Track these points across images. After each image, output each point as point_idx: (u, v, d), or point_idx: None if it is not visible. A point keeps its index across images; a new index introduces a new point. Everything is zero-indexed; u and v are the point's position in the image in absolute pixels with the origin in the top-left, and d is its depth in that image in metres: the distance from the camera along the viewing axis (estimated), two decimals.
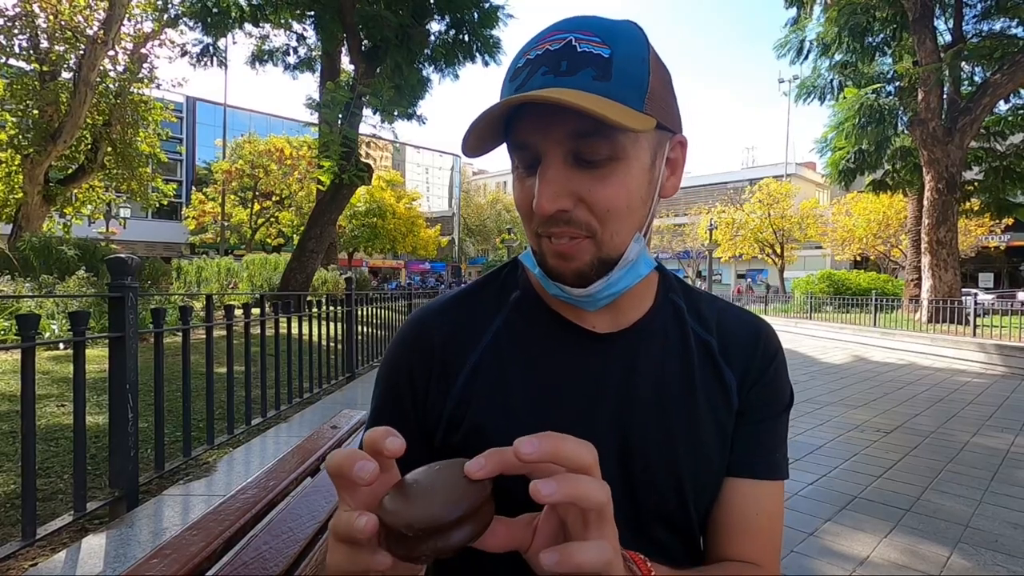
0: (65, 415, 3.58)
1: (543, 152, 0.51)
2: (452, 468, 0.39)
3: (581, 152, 0.51)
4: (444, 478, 0.38)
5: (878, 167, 14.20)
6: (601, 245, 0.52)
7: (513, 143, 0.53)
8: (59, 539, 2.11)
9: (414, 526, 0.34)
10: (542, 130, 0.51)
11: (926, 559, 2.28)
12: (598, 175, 0.51)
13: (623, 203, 0.52)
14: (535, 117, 0.51)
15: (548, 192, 0.50)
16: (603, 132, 0.50)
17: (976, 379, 6.96)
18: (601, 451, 0.57)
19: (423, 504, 0.35)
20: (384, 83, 8.67)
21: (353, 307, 5.53)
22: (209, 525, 0.77)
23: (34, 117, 12.58)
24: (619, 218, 0.52)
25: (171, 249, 33.94)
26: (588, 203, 0.51)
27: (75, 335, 2.13)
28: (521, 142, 0.52)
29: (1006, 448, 3.84)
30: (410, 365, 0.61)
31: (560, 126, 0.50)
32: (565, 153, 0.51)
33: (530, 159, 0.53)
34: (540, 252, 0.55)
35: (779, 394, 0.64)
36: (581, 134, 0.50)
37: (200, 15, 9.27)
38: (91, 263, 8.50)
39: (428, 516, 0.34)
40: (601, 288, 0.54)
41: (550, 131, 0.50)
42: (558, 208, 0.50)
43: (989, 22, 12.45)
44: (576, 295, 0.55)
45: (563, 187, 0.51)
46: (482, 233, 47.87)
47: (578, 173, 0.51)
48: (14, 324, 5.39)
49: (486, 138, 0.53)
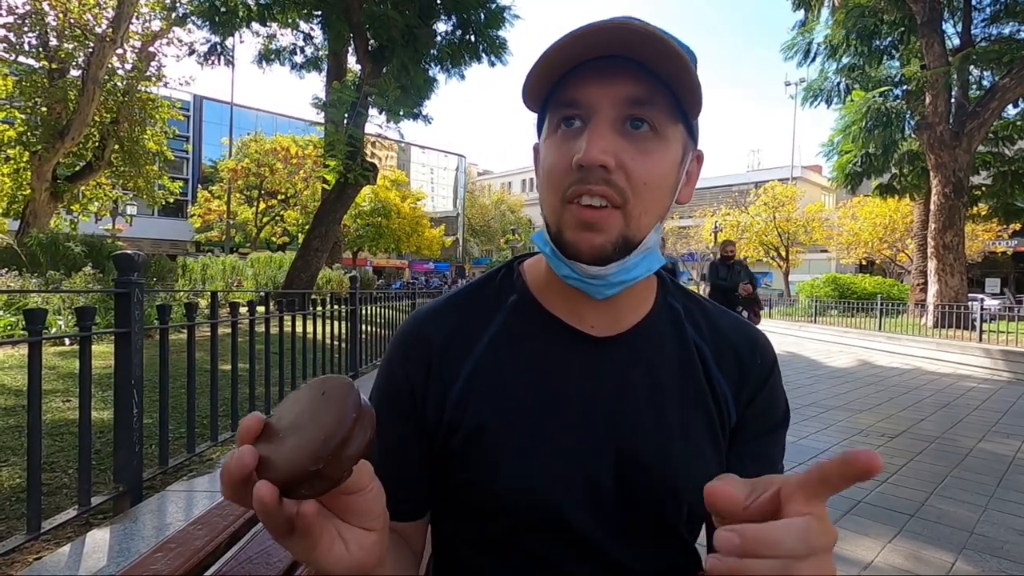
0: (70, 410, 3.60)
1: (596, 111, 0.52)
2: (310, 392, 0.38)
3: (633, 117, 0.52)
4: (306, 408, 0.37)
5: (885, 171, 14.13)
6: (629, 220, 0.52)
7: (563, 99, 0.53)
8: (63, 533, 2.12)
9: (299, 470, 0.34)
10: (599, 88, 0.51)
11: (931, 565, 2.26)
12: (641, 147, 0.52)
13: (657, 180, 0.53)
14: (595, 75, 0.51)
15: (598, 145, 0.50)
16: (656, 104, 0.52)
17: (982, 384, 6.91)
18: (597, 454, 0.57)
19: (293, 445, 0.35)
20: (390, 83, 8.68)
21: (357, 306, 5.54)
22: (214, 520, 0.77)
23: (42, 114, 12.64)
24: (651, 194, 0.53)
25: (177, 247, 34.10)
26: (627, 170, 0.51)
27: (81, 330, 2.14)
28: (572, 99, 0.52)
29: (1012, 454, 3.81)
30: (408, 368, 0.61)
31: (620, 86, 0.51)
32: (616, 117, 0.52)
33: (574, 118, 0.53)
34: (560, 224, 0.54)
35: (776, 406, 0.64)
36: (636, 101, 0.51)
37: (208, 14, 9.31)
38: (97, 260, 8.55)
39: (311, 451, 0.34)
40: (617, 271, 0.53)
41: (607, 90, 0.51)
42: (604, 161, 0.50)
43: (998, 26, 12.38)
44: (591, 274, 0.53)
45: (611, 145, 0.51)
46: (486, 234, 47.86)
47: (623, 140, 0.52)
48: (21, 319, 5.44)
49: (540, 87, 0.54)
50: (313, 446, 0.34)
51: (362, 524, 0.40)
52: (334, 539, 0.39)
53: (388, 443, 0.59)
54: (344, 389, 0.36)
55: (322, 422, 0.35)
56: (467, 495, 0.58)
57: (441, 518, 0.63)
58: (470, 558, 0.60)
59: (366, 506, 0.40)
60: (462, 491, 0.59)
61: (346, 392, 0.36)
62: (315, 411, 0.36)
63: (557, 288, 0.61)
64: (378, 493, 0.41)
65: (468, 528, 0.60)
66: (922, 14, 11.25)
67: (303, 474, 0.33)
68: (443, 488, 0.61)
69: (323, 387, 0.38)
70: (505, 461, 0.56)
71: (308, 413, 0.36)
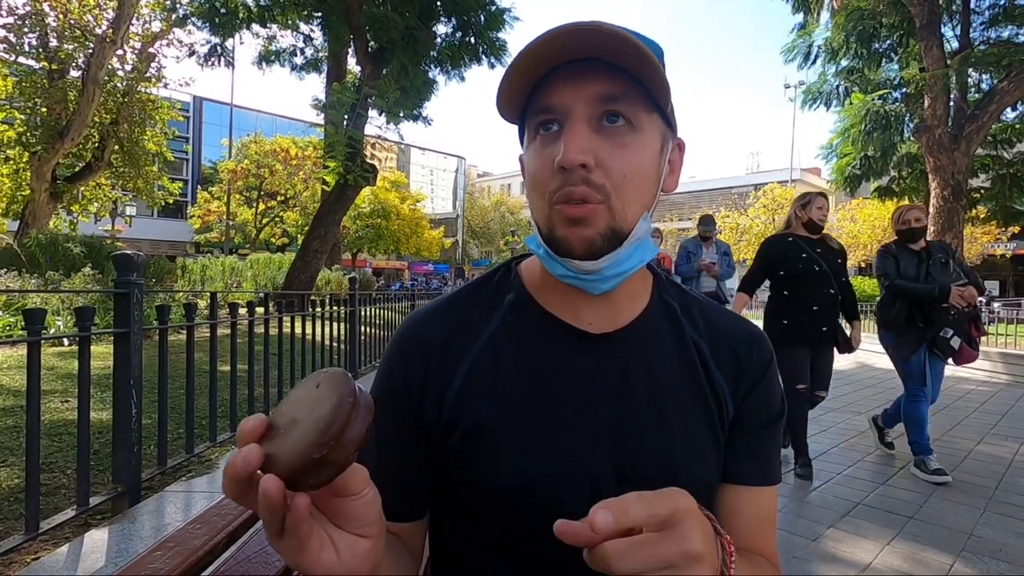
0: (69, 410, 3.60)
1: (570, 112, 0.53)
2: (305, 387, 0.39)
3: (608, 113, 0.53)
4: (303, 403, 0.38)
5: (884, 173, 14.14)
6: (614, 213, 0.53)
7: (538, 107, 0.55)
8: (62, 533, 2.11)
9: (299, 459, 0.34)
10: (572, 90, 0.53)
11: (929, 567, 2.26)
12: (617, 142, 0.53)
13: (636, 172, 0.54)
14: (566, 78, 0.53)
15: (575, 145, 0.51)
16: (629, 99, 0.53)
17: (980, 387, 6.92)
18: (597, 451, 0.58)
19: (295, 437, 0.35)
20: (390, 84, 8.69)
21: (357, 307, 5.54)
22: (212, 519, 0.77)
23: (42, 115, 12.65)
24: (632, 187, 0.54)
25: (176, 248, 34.08)
26: (606, 167, 0.52)
27: (80, 330, 2.14)
28: (547, 105, 0.54)
29: (1010, 456, 3.81)
30: (406, 369, 0.61)
31: (592, 85, 0.52)
32: (590, 115, 0.53)
33: (551, 123, 0.54)
34: (549, 225, 0.55)
35: (773, 401, 0.65)
36: (609, 97, 0.53)
37: (208, 15, 9.31)
38: (97, 260, 8.55)
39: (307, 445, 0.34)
40: (609, 263, 0.54)
41: (580, 91, 0.53)
42: (582, 161, 0.51)
43: (997, 29, 12.41)
44: (584, 269, 0.54)
45: (588, 144, 0.52)
46: (486, 235, 47.87)
47: (599, 138, 0.53)
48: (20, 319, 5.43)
49: (515, 94, 0.55)
50: (315, 434, 0.34)
51: (356, 530, 0.40)
52: (324, 543, 0.39)
53: (386, 443, 0.60)
54: (337, 377, 0.37)
55: (320, 412, 0.35)
56: (466, 494, 0.59)
57: (439, 518, 0.63)
58: (469, 557, 0.60)
59: (360, 511, 0.40)
60: (461, 490, 0.59)
61: (340, 380, 0.37)
62: (312, 403, 0.37)
63: (554, 286, 0.61)
64: (373, 498, 0.41)
65: (467, 527, 0.60)
66: (921, 17, 11.27)
67: (308, 463, 0.34)
68: (442, 487, 0.61)
69: (317, 380, 0.38)
70: (504, 459, 0.56)
71: (306, 407, 0.37)
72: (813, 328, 3.22)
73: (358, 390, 0.37)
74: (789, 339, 3.22)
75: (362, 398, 0.36)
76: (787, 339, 3.21)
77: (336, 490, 0.39)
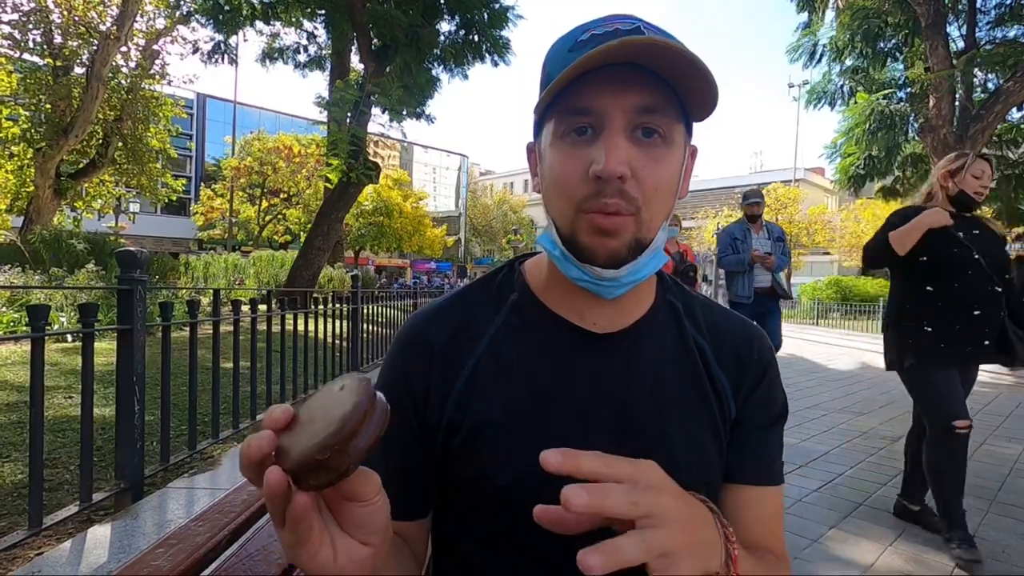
0: (72, 407, 3.61)
1: (608, 119, 0.51)
2: (331, 387, 0.40)
3: (643, 125, 0.52)
4: (324, 402, 0.38)
5: (888, 173, 14.10)
6: (640, 225, 0.53)
7: (572, 106, 0.52)
8: (64, 529, 2.12)
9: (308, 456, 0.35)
10: (612, 97, 0.51)
11: (932, 568, 2.25)
12: (651, 154, 0.52)
13: (666, 185, 0.53)
14: (608, 82, 0.51)
15: (616, 156, 0.50)
16: (666, 112, 0.52)
17: (984, 388, 6.89)
18: (598, 450, 0.57)
19: (307, 435, 0.36)
20: (393, 82, 8.69)
21: (359, 305, 5.54)
22: (215, 516, 0.77)
23: (46, 111, 12.70)
24: (660, 200, 0.53)
25: (179, 244, 34.19)
26: (639, 179, 0.52)
27: (84, 327, 2.15)
28: (585, 107, 0.52)
29: (1014, 458, 3.80)
30: (408, 369, 0.61)
31: (634, 95, 0.51)
32: (627, 124, 0.51)
33: (586, 128, 0.52)
34: (573, 230, 0.54)
35: (775, 401, 0.65)
36: (647, 109, 0.51)
37: (212, 13, 9.32)
38: (100, 257, 8.57)
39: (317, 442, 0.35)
40: (628, 272, 0.54)
41: (620, 99, 0.51)
42: (622, 172, 0.50)
43: (1003, 29, 12.35)
44: (605, 277, 0.54)
45: (626, 154, 0.51)
46: (488, 233, 47.88)
47: (635, 149, 0.52)
48: (24, 315, 5.45)
49: (553, 88, 0.52)
50: (322, 437, 0.35)
51: (359, 536, 0.40)
52: (323, 542, 0.39)
53: (390, 442, 0.59)
54: (358, 384, 0.38)
55: (334, 415, 0.36)
56: (470, 492, 0.59)
57: (442, 517, 0.63)
58: (472, 556, 0.60)
59: (367, 518, 0.40)
60: (464, 489, 0.59)
61: (360, 387, 0.37)
62: (331, 405, 0.37)
63: (559, 286, 0.61)
64: (382, 507, 0.41)
65: (470, 526, 0.60)
66: (926, 16, 11.22)
67: (311, 463, 0.35)
68: (445, 486, 0.61)
69: (343, 382, 0.39)
70: (508, 458, 0.56)
71: (326, 407, 0.37)
72: (972, 339, 2.24)
73: (376, 400, 0.37)
74: (936, 355, 2.26)
75: (378, 409, 0.37)
76: (932, 354, 2.27)
77: (345, 493, 0.39)
